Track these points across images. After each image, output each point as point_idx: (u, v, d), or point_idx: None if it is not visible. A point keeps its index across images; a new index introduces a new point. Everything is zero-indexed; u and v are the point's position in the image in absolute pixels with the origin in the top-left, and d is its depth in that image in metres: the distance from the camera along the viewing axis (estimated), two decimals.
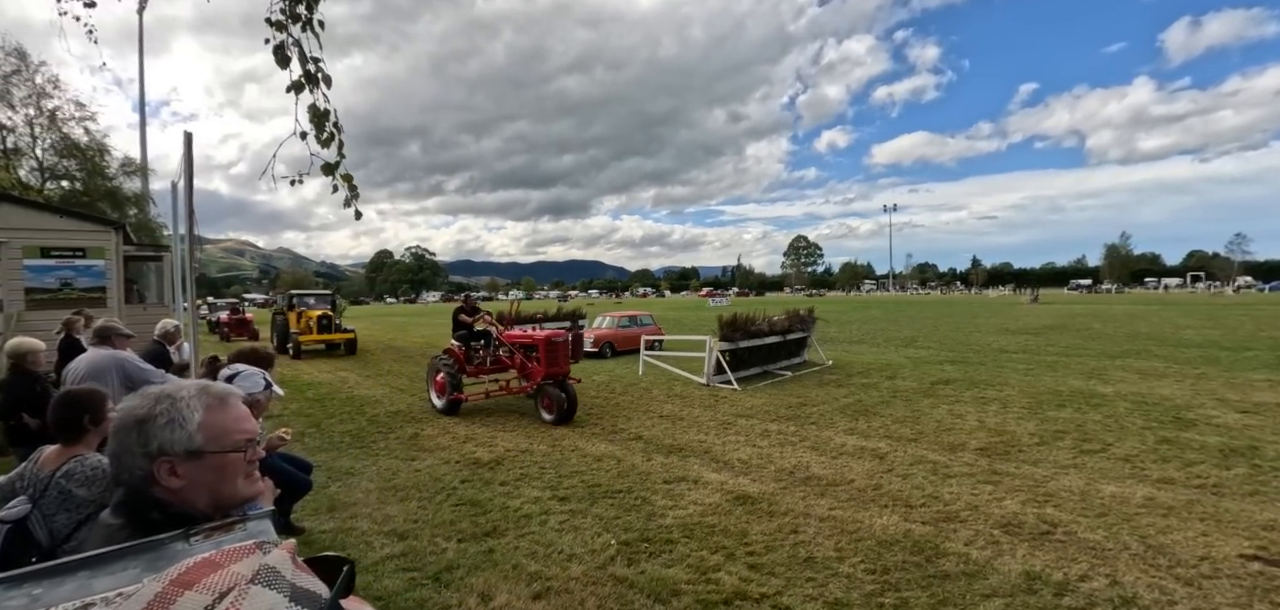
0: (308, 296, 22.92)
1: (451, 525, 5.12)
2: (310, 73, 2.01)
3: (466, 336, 10.12)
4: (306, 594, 0.69)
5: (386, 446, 7.84)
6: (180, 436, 1.14)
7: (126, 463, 1.14)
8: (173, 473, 1.13)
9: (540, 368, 8.89)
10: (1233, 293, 72.33)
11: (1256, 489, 5.53)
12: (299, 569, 0.74)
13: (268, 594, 0.65)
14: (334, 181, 2.21)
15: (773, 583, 4.00)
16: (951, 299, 73.69)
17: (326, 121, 2.11)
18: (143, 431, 1.14)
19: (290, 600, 0.66)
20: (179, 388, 1.21)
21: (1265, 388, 10.36)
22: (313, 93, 2.05)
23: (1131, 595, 3.73)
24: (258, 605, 0.63)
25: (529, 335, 9.67)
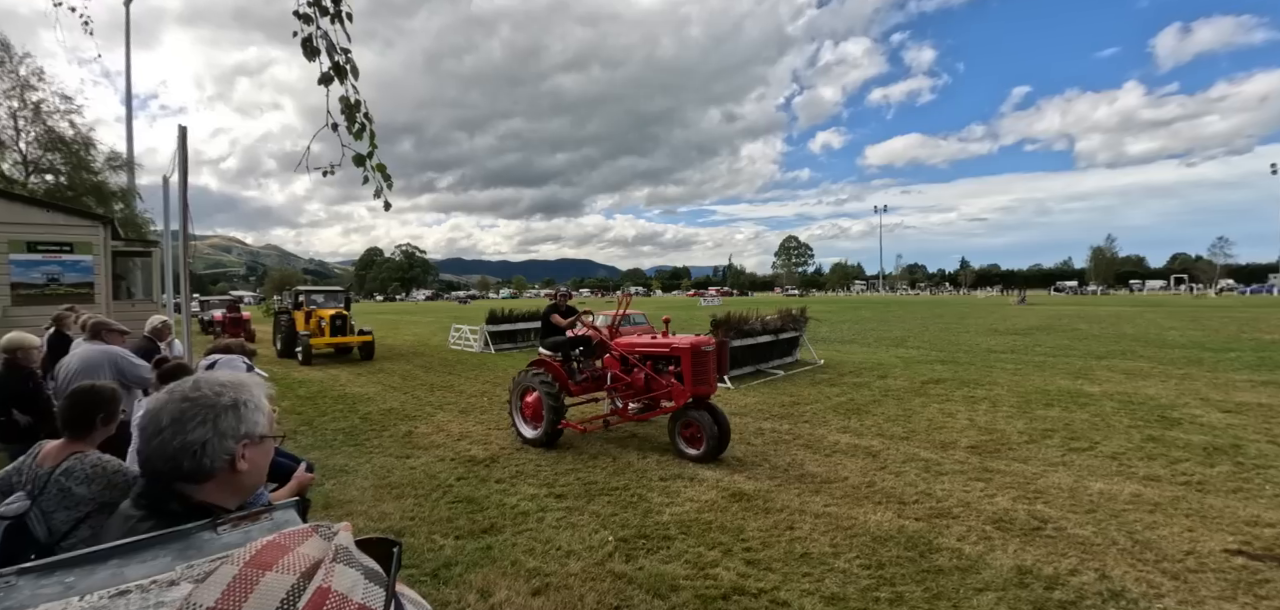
0: (317, 293, 20.25)
1: (448, 522, 5.12)
2: (339, 64, 2.01)
3: (561, 345, 7.90)
4: (374, 573, 0.72)
5: (380, 444, 7.81)
6: (261, 422, 1.22)
7: (213, 447, 1.17)
8: (244, 457, 1.19)
9: (684, 386, 6.80)
10: (1214, 295, 73.55)
11: (1240, 486, 5.65)
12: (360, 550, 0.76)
13: (348, 571, 0.68)
14: (365, 172, 2.22)
15: (770, 578, 4.05)
16: (940, 300, 74.34)
17: (357, 112, 2.12)
18: (236, 415, 1.19)
19: (365, 578, 0.69)
20: (238, 375, 1.27)
21: (1247, 388, 10.56)
22: (342, 84, 2.06)
23: (1120, 589, 3.80)
24: (344, 581, 0.66)
25: (662, 342, 7.33)
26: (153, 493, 1.20)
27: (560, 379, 7.35)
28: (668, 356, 7.12)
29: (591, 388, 7.88)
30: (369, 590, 0.68)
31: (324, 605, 0.63)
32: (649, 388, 7.28)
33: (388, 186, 2.25)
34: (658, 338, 7.49)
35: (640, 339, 7.74)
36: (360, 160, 2.18)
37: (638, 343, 7.62)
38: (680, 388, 6.84)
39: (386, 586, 0.70)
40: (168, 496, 1.18)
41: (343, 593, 0.65)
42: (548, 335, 8.14)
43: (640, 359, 7.36)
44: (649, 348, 7.39)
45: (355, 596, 0.65)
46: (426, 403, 10.61)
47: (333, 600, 0.63)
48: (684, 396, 6.80)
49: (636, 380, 7.34)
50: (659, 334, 7.61)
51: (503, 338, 19.58)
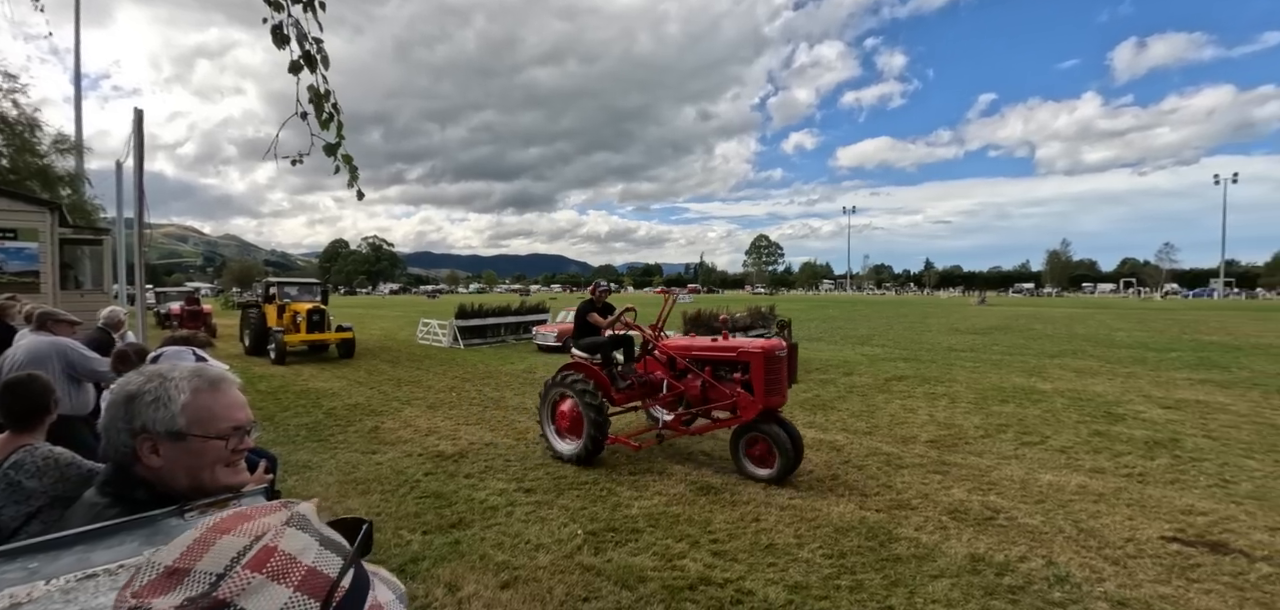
0: (290, 285, 18.50)
1: (416, 517, 5.08)
2: (309, 54, 1.99)
3: (599, 346, 6.98)
4: (333, 542, 0.74)
5: (345, 440, 7.68)
6: (163, 416, 1.15)
7: (113, 437, 1.15)
8: (154, 451, 1.15)
9: (754, 397, 5.97)
10: (1160, 298, 77.22)
11: (1177, 477, 5.98)
12: (323, 524, 0.78)
13: (301, 535, 0.69)
14: (335, 162, 2.20)
15: (736, 569, 4.14)
16: (905, 300, 76.22)
17: (326, 103, 2.10)
18: (129, 408, 1.15)
19: (320, 544, 0.71)
20: (172, 368, 1.22)
21: (1186, 386, 11.16)
22: (312, 73, 2.03)
23: (1065, 574, 4.01)
24: (293, 543, 0.68)
25: (726, 346, 6.42)
26: (117, 480, 1.19)
27: (602, 386, 6.47)
28: (732, 362, 6.27)
29: (635, 396, 6.98)
30: (322, 555, 0.69)
31: (267, 563, 0.64)
32: (705, 397, 6.41)
33: (354, 178, 2.23)
34: (720, 341, 6.58)
35: (697, 341, 6.84)
36: (331, 150, 2.17)
37: (695, 345, 6.73)
38: (749, 399, 5.97)
39: (346, 557, 0.72)
40: (134, 484, 1.17)
41: (289, 553, 0.66)
42: (584, 336, 7.23)
43: (696, 364, 6.48)
44: (709, 351, 6.51)
45: (304, 559, 0.67)
46: (393, 398, 10.46)
47: (278, 559, 0.65)
48: (754, 408, 5.92)
49: (691, 388, 6.48)
50: (723, 338, 6.62)
51: (472, 333, 19.37)
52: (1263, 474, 6.07)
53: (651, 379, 6.96)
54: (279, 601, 0.63)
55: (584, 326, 7.30)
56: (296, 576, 0.65)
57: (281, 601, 0.63)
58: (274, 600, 0.63)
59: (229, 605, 0.61)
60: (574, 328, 7.36)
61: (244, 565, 0.64)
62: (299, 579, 0.65)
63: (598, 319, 7.26)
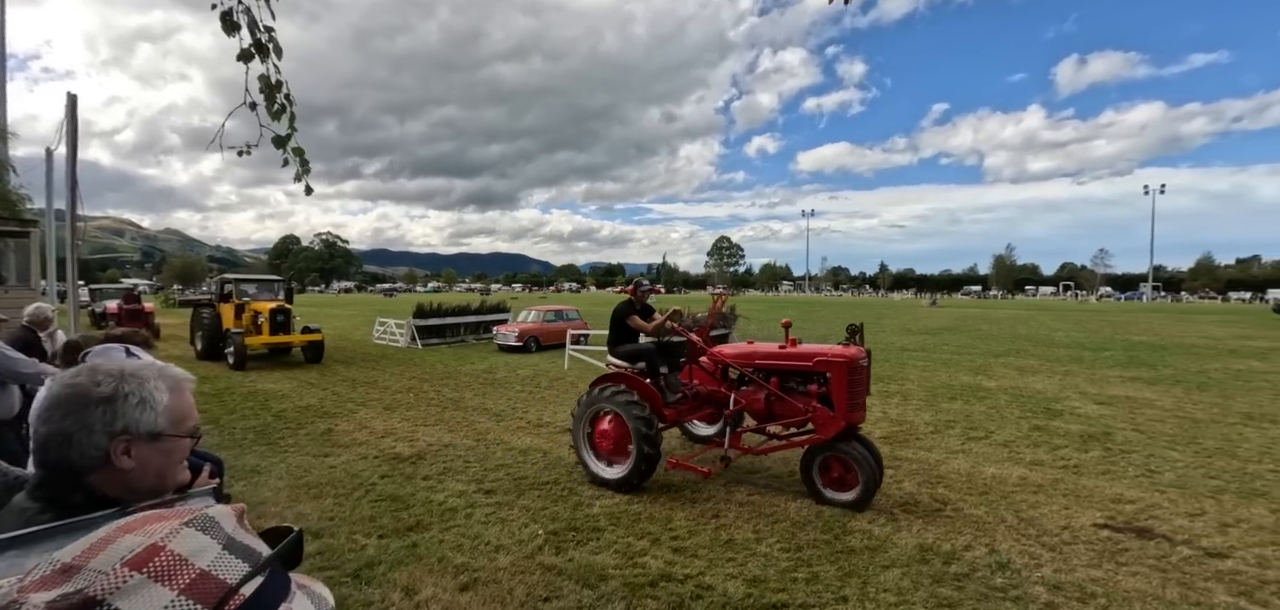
0: (249, 282, 16.85)
1: (371, 521, 4.96)
2: (261, 42, 1.91)
3: (644, 353, 6.14)
4: (242, 547, 0.70)
5: (296, 443, 7.42)
6: (147, 418, 1.11)
7: (83, 441, 1.08)
8: (127, 453, 1.10)
9: (834, 413, 5.27)
10: (1095, 301, 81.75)
11: (1108, 468, 6.36)
12: (244, 528, 0.74)
13: (199, 536, 0.66)
14: (285, 155, 2.13)
15: (696, 564, 4.19)
16: (861, 301, 78.39)
17: (277, 93, 2.02)
18: (110, 409, 1.10)
19: (223, 548, 0.67)
20: (139, 367, 1.18)
21: (1118, 382, 11.86)
22: (263, 63, 1.96)
23: (1006, 561, 4.22)
24: (187, 545, 0.64)
25: (797, 354, 5.68)
26: (51, 484, 1.13)
27: (651, 400, 5.64)
28: (806, 372, 5.56)
29: (687, 411, 6.27)
30: (223, 560, 0.66)
31: (149, 562, 0.61)
32: (770, 411, 5.70)
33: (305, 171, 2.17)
34: (786, 347, 5.82)
35: (759, 348, 6.08)
36: (280, 142, 2.10)
37: (757, 352, 5.96)
38: (827, 415, 5.28)
39: (256, 563, 0.68)
40: (70, 488, 1.12)
41: (180, 554, 0.63)
42: (623, 341, 6.39)
43: (760, 373, 5.77)
44: (777, 360, 5.74)
45: (199, 562, 0.64)
46: (347, 399, 10.16)
47: (164, 558, 0.62)
48: (834, 425, 5.22)
49: (752, 402, 5.77)
50: (789, 345, 5.86)
51: (431, 333, 18.97)
52: (1184, 464, 6.51)
53: (708, 392, 6.19)
54: (159, 603, 0.59)
55: (623, 331, 6.39)
56: (185, 579, 0.62)
57: (162, 603, 0.60)
58: (154, 602, 0.59)
59: (101, 603, 0.58)
60: (611, 333, 6.49)
61: (124, 563, 0.60)
62: (187, 582, 0.62)
63: (639, 322, 6.32)
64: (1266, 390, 11.06)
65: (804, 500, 5.34)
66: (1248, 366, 14.35)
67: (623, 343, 6.41)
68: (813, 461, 5.36)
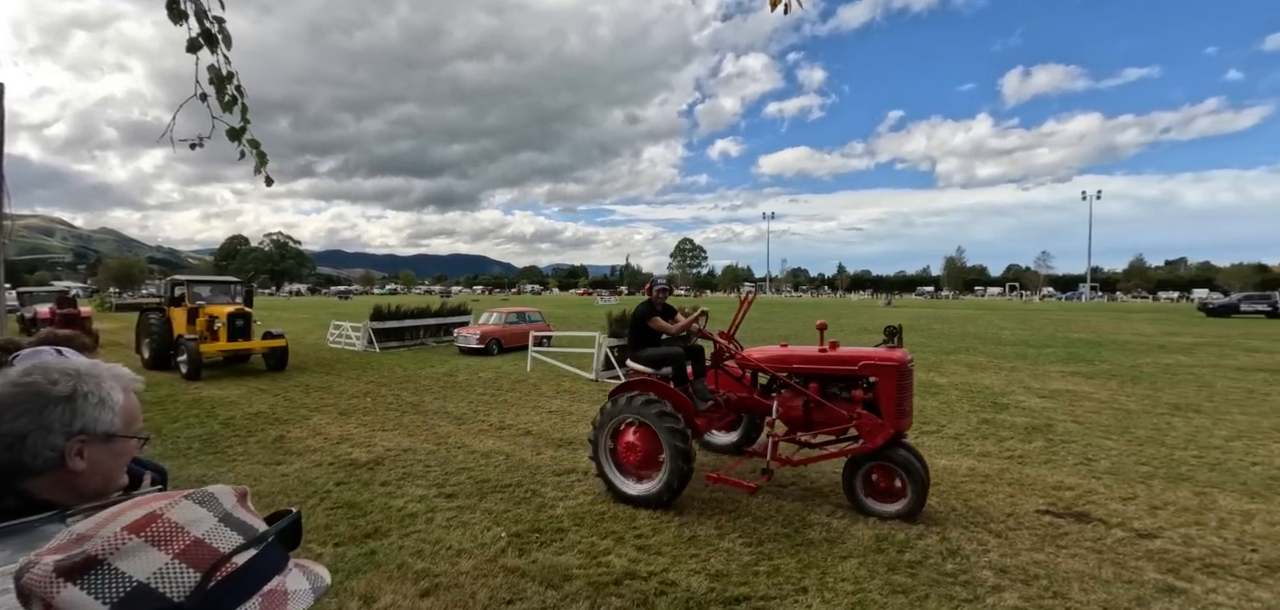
0: (202, 284, 15.30)
1: (327, 530, 4.82)
2: (209, 32, 1.83)
3: (672, 358, 5.71)
4: (239, 522, 0.74)
5: (246, 451, 7.14)
6: (105, 418, 1.09)
7: (35, 442, 1.04)
8: (80, 454, 1.07)
9: (883, 420, 4.95)
10: (1039, 300, 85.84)
11: (1050, 458, 6.69)
12: (245, 508, 0.77)
13: (196, 508, 0.71)
14: (240, 147, 2.05)
15: (659, 561, 4.23)
16: (820, 301, 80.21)
17: (228, 85, 1.94)
18: (69, 409, 1.06)
19: (219, 521, 0.71)
20: (93, 366, 1.14)
21: (1059, 377, 12.49)
22: (213, 53, 1.88)
23: (956, 548, 4.40)
24: (184, 514, 0.70)
25: (840, 357, 5.33)
26: None
27: (683, 408, 5.25)
28: (849, 377, 5.25)
29: (718, 421, 5.97)
30: (218, 531, 0.71)
31: (147, 527, 0.66)
32: (808, 419, 5.35)
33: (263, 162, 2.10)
34: (827, 351, 5.46)
35: (796, 351, 5.68)
36: (235, 134, 2.02)
37: (794, 355, 5.56)
38: (875, 422, 4.95)
39: (251, 537, 0.73)
40: (5, 492, 1.07)
41: (176, 522, 0.68)
42: (644, 345, 5.95)
43: (798, 378, 5.39)
44: (818, 364, 5.38)
45: (194, 530, 0.68)
46: (301, 405, 9.82)
47: (161, 526, 0.67)
48: (882, 433, 4.91)
49: (790, 409, 5.39)
50: (830, 348, 5.49)
51: (389, 335, 18.51)
52: (1118, 452, 6.91)
53: (739, 399, 5.88)
54: (155, 565, 0.65)
55: (645, 334, 5.97)
56: (179, 544, 0.67)
57: (157, 565, 0.65)
58: (149, 563, 0.65)
59: (102, 562, 0.63)
60: (631, 337, 6.10)
61: (125, 528, 0.66)
62: (181, 547, 0.67)
63: (663, 324, 5.93)
64: (1191, 383, 11.83)
65: (764, 495, 5.44)
66: (1175, 361, 15.31)
67: (644, 346, 5.94)
68: (858, 471, 5.06)
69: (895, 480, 4.96)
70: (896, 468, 4.93)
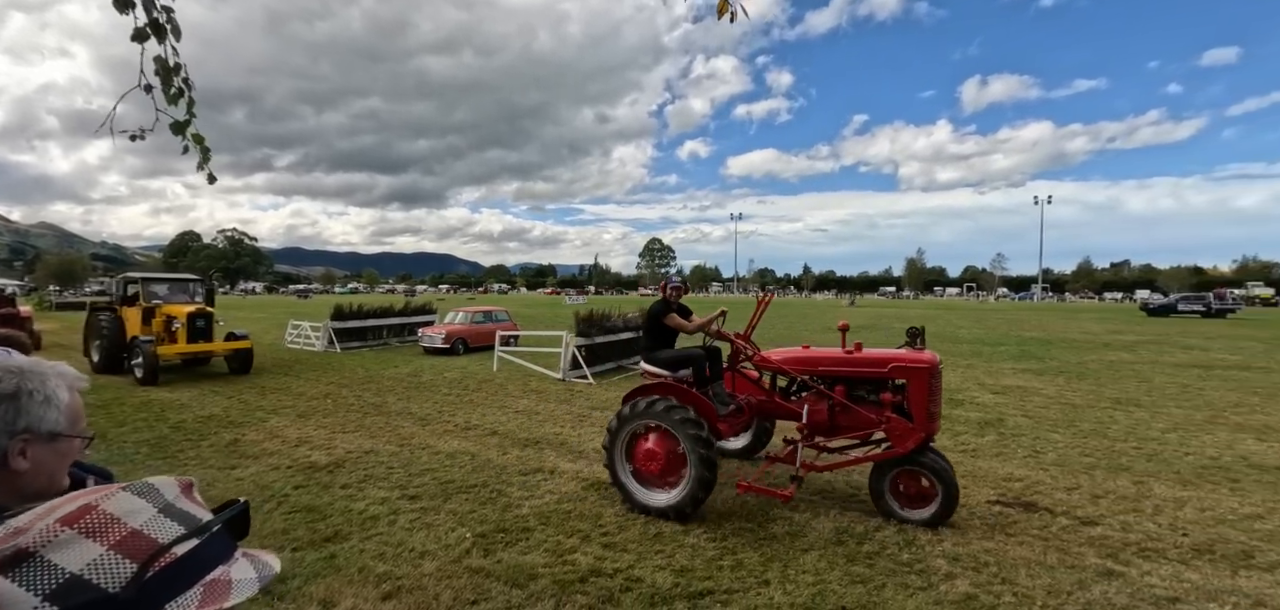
0: (158, 282, 14.29)
1: (284, 534, 4.69)
2: (157, 22, 1.77)
3: (692, 359, 5.45)
4: (181, 513, 0.73)
5: (198, 455, 6.89)
6: (50, 416, 1.07)
7: None
8: (22, 454, 1.05)
9: (913, 424, 4.83)
10: (994, 300, 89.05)
11: (1001, 451, 6.97)
12: (189, 499, 0.76)
13: (134, 499, 0.71)
14: (184, 141, 1.97)
15: (625, 558, 4.25)
16: (786, 301, 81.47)
17: (175, 76, 1.88)
18: (13, 407, 1.04)
19: (159, 511, 0.71)
20: (35, 364, 1.11)
21: (1011, 374, 12.99)
22: (160, 43, 1.81)
23: (912, 538, 4.55)
24: (120, 506, 0.69)
25: (868, 359, 5.19)
26: None
27: (705, 412, 4.98)
28: (878, 380, 5.15)
29: (739, 426, 5.72)
30: (158, 521, 0.70)
31: (81, 520, 0.66)
32: (833, 423, 5.20)
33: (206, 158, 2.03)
34: (852, 352, 5.28)
35: (820, 352, 5.45)
36: (179, 128, 1.96)
37: (819, 357, 5.35)
38: (905, 425, 4.84)
39: (193, 527, 0.72)
40: None
41: (112, 514, 0.68)
42: (660, 345, 5.69)
43: (824, 380, 5.23)
44: (842, 367, 5.22)
45: (131, 521, 0.68)
46: (256, 407, 9.52)
47: (95, 517, 0.67)
48: (913, 437, 4.79)
49: (814, 412, 5.20)
50: (855, 349, 5.32)
51: (351, 335, 18.06)
52: (1064, 445, 7.24)
53: (764, 403, 5.66)
54: (89, 556, 0.64)
55: (660, 334, 5.69)
56: (114, 536, 0.66)
57: (91, 557, 0.64)
58: (83, 554, 0.64)
59: (34, 555, 0.63)
60: (645, 337, 5.83)
61: (58, 520, 0.65)
62: (117, 539, 0.66)
63: (680, 322, 5.63)
64: (1132, 378, 12.46)
65: (728, 492, 5.51)
66: (1118, 358, 16.09)
67: (660, 346, 5.67)
68: (886, 476, 4.93)
69: (923, 484, 4.84)
70: (926, 472, 4.81)
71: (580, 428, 8.14)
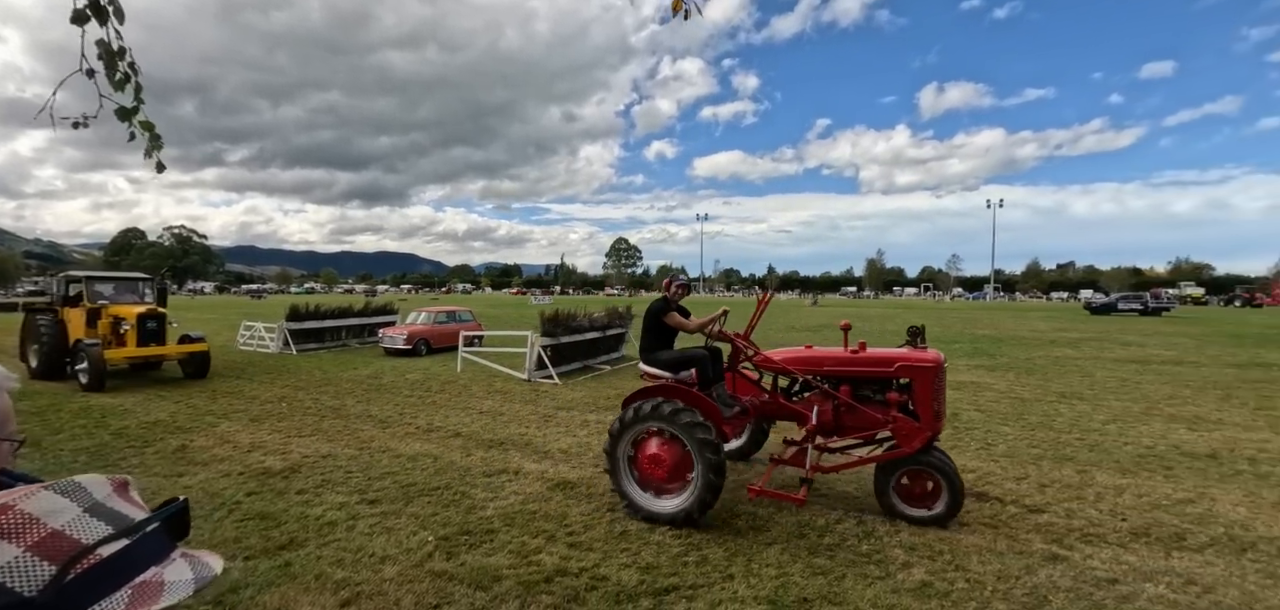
0: (103, 281, 13.23)
1: (236, 543, 4.52)
2: (97, 2, 1.67)
3: (695, 359, 5.28)
4: (111, 512, 0.71)
5: (142, 463, 6.58)
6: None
7: None
8: None
9: (920, 423, 4.80)
10: (950, 300, 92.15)
11: (955, 444, 7.21)
12: (123, 498, 0.73)
13: (57, 499, 0.68)
14: (131, 128, 1.87)
15: (591, 557, 4.25)
16: (751, 301, 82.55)
17: (120, 61, 1.78)
18: None
19: (85, 511, 0.68)
20: None
21: (966, 370, 13.47)
22: (102, 26, 1.71)
23: (871, 530, 4.67)
24: (40, 505, 0.66)
25: (872, 358, 5.17)
26: None
27: (710, 414, 4.82)
28: (884, 379, 5.10)
29: (741, 425, 5.48)
30: (82, 522, 0.68)
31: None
32: (838, 423, 5.15)
33: (156, 146, 1.94)
34: (855, 352, 5.24)
35: (822, 352, 5.39)
36: (125, 115, 1.86)
37: (823, 356, 5.28)
38: (911, 425, 4.81)
39: (123, 527, 0.70)
40: None
41: (30, 514, 0.65)
42: (660, 346, 5.51)
43: (828, 380, 5.18)
44: (847, 366, 5.17)
45: (52, 522, 0.66)
46: (206, 412, 9.13)
47: (11, 517, 0.64)
48: (920, 437, 4.76)
49: (821, 413, 5.15)
50: (858, 349, 5.29)
51: (307, 337, 17.51)
52: (1013, 437, 7.54)
53: (766, 404, 5.55)
54: (2, 559, 0.62)
55: (661, 334, 5.51)
56: (32, 537, 0.64)
57: (5, 559, 0.62)
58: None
59: None
60: (645, 337, 5.58)
61: None
62: (35, 540, 0.64)
63: (681, 321, 5.45)
64: (1076, 373, 13.07)
65: None
66: (1064, 354, 16.85)
67: (660, 347, 5.50)
68: (892, 476, 4.93)
69: (928, 483, 4.84)
70: (932, 470, 4.81)
71: (546, 428, 8.09)
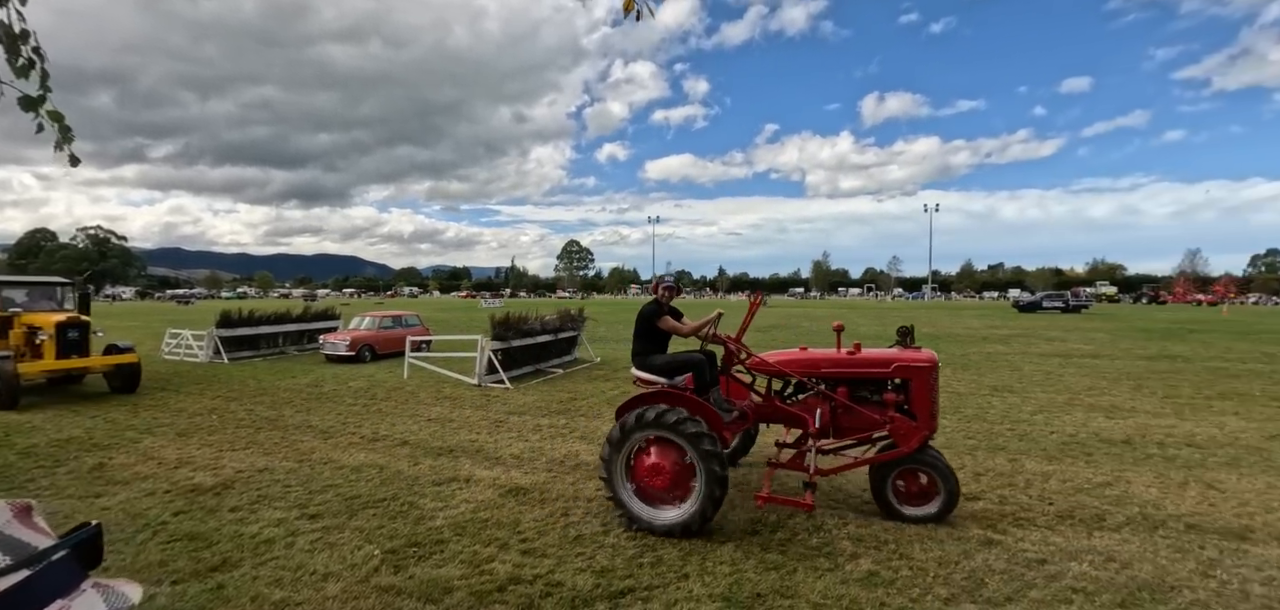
0: (17, 286, 12.21)
1: (162, 566, 4.23)
2: None
3: (692, 364, 5.17)
4: (8, 540, 0.65)
5: (54, 484, 6.07)
6: None
7: None
8: None
9: (917, 423, 4.83)
10: (891, 300, 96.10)
11: None
12: (24, 524, 0.66)
13: None
14: (38, 119, 1.71)
15: (545, 563, 4.19)
16: (701, 302, 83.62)
17: (23, 45, 1.61)
18: None
19: None
20: None
21: None
22: (3, 7, 1.55)
23: (820, 524, 4.80)
24: None
25: (868, 359, 5.15)
26: None
27: (711, 421, 4.67)
28: (881, 380, 5.11)
29: (738, 430, 5.45)
30: None
31: None
32: (836, 425, 5.13)
33: (66, 139, 1.78)
34: (851, 353, 5.22)
35: (817, 354, 5.38)
36: (31, 104, 1.70)
37: (821, 358, 5.26)
38: (909, 424, 4.84)
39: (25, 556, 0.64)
40: None
41: None
42: (652, 350, 5.38)
43: (826, 382, 5.13)
44: (844, 368, 5.14)
45: None
46: (127, 427, 8.51)
47: None
48: (917, 436, 4.81)
49: (822, 415, 5.11)
50: (854, 350, 5.26)
51: (241, 344, 16.59)
52: (950, 429, 7.92)
53: (762, 407, 5.47)
54: None
55: (654, 338, 5.37)
56: None
57: None
58: None
59: None
60: (637, 341, 5.42)
61: None
62: None
63: (675, 325, 5.30)
64: (1006, 368, 13.84)
65: None
66: (995, 350, 17.82)
67: (652, 351, 5.37)
68: (889, 475, 4.95)
69: (923, 482, 4.90)
70: (929, 469, 4.87)
71: (497, 434, 7.94)
